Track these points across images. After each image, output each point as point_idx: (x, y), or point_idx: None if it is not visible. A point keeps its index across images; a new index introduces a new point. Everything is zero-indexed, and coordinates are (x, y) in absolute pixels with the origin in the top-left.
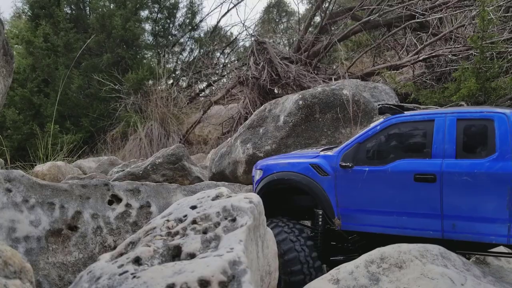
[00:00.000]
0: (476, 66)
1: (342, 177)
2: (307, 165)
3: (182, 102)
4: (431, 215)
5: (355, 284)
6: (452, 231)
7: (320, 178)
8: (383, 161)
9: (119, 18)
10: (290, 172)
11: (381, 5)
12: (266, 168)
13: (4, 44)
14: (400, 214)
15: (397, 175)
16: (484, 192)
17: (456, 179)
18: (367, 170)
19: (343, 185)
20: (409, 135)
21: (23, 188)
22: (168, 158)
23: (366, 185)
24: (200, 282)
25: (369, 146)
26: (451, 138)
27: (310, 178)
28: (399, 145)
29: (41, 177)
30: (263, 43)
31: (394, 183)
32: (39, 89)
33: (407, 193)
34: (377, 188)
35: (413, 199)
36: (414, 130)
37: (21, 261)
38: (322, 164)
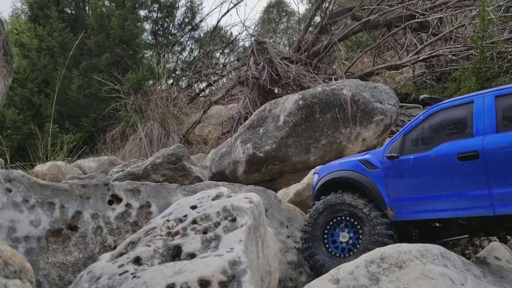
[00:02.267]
0: (476, 66)
1: (390, 168)
2: (357, 162)
3: (182, 102)
4: (479, 193)
5: (355, 284)
6: (503, 205)
7: (369, 172)
8: (427, 147)
9: (116, 18)
10: (341, 170)
11: (381, 5)
12: (320, 171)
13: (4, 44)
14: (449, 197)
15: (441, 158)
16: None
17: (499, 152)
18: (413, 158)
19: (391, 175)
20: (451, 119)
21: (23, 188)
22: (168, 158)
23: (413, 172)
24: (200, 282)
25: (414, 136)
26: (490, 115)
27: (360, 173)
28: (442, 130)
29: (41, 177)
30: (263, 43)
31: (439, 166)
32: (39, 89)
33: (454, 174)
34: (423, 174)
35: (459, 179)
36: (455, 114)
37: (21, 261)
38: (370, 159)
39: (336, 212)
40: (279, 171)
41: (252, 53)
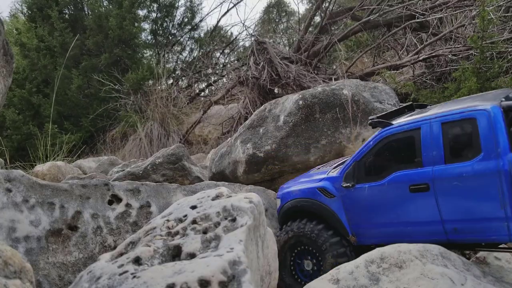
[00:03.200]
0: (476, 66)
1: (347, 196)
2: (315, 189)
3: (182, 102)
4: (432, 222)
5: (355, 284)
6: (456, 234)
7: (328, 200)
8: (380, 176)
9: (114, 18)
10: (301, 198)
11: (381, 5)
12: (282, 197)
13: (4, 44)
14: (405, 225)
15: (394, 189)
16: (476, 193)
17: (447, 185)
18: (367, 187)
19: (349, 203)
20: (400, 146)
21: (23, 188)
22: (168, 158)
23: (369, 201)
24: (200, 282)
25: (366, 163)
26: (438, 144)
27: (319, 202)
28: (392, 157)
29: (41, 177)
30: (263, 43)
31: (393, 196)
32: (38, 89)
33: (408, 204)
34: (380, 203)
35: (414, 209)
36: (404, 140)
37: (21, 261)
38: (328, 186)
39: (299, 241)
40: (279, 171)
41: (252, 53)
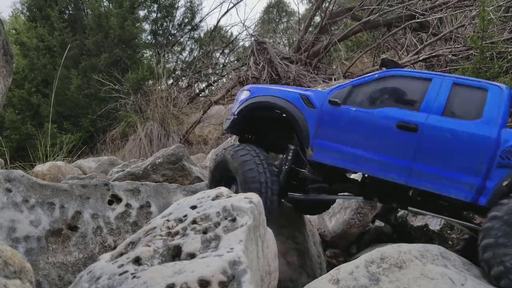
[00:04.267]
0: (476, 66)
1: (327, 112)
2: (297, 95)
3: (182, 102)
4: (402, 161)
5: (355, 284)
6: (418, 179)
7: (306, 109)
8: (372, 105)
9: (115, 17)
10: (278, 97)
11: (381, 5)
12: (255, 90)
13: (4, 44)
14: (374, 156)
15: (381, 120)
16: (461, 150)
17: (437, 134)
18: (354, 110)
19: (326, 119)
20: (404, 87)
21: (23, 188)
22: (168, 158)
23: (349, 124)
24: (200, 282)
25: (362, 90)
26: (442, 98)
27: (296, 107)
28: (391, 94)
29: (41, 177)
30: (263, 43)
31: (377, 126)
32: (38, 89)
33: (386, 138)
34: (359, 129)
35: (390, 145)
36: (409, 84)
37: (21, 261)
38: (312, 97)
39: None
40: None
41: (252, 53)
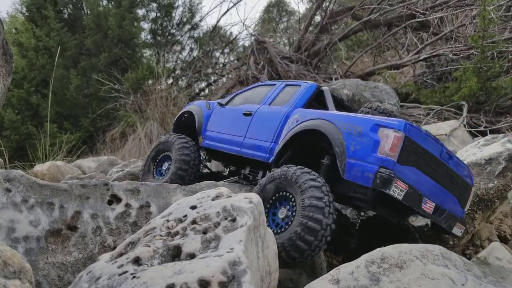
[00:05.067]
0: (477, 65)
1: (216, 110)
2: (204, 103)
3: (182, 102)
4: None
5: (356, 284)
6: (243, 148)
7: (206, 110)
8: (237, 104)
9: (114, 17)
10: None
11: (381, 5)
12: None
13: (3, 44)
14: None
15: (237, 112)
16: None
17: (259, 115)
18: (226, 108)
19: (213, 115)
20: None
21: (23, 188)
22: None
23: (222, 116)
24: (200, 282)
25: (238, 96)
26: (274, 95)
27: (201, 109)
28: (250, 97)
29: (40, 177)
30: (263, 43)
31: (234, 116)
32: (37, 89)
33: (237, 123)
34: (225, 119)
35: (238, 127)
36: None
37: (20, 261)
38: (211, 103)
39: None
40: None
41: (252, 52)
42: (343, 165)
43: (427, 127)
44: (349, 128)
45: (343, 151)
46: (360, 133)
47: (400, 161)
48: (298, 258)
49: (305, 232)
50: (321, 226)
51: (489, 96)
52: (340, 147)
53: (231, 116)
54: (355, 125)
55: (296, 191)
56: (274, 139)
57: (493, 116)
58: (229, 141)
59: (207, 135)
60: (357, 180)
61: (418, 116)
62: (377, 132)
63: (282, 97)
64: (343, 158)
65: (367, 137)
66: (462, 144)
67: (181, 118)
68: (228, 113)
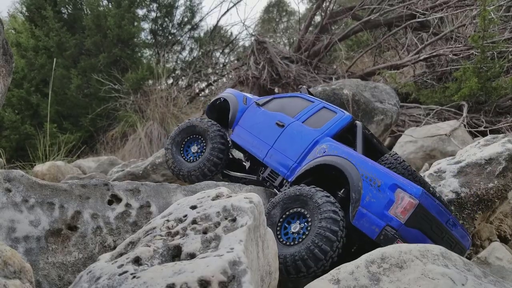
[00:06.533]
0: (477, 65)
1: (252, 108)
2: (242, 96)
3: (182, 102)
4: (267, 145)
5: (356, 284)
6: (267, 158)
7: (242, 104)
8: (272, 109)
9: (113, 17)
10: (232, 95)
11: (381, 5)
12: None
13: (3, 44)
14: (258, 139)
15: (271, 117)
16: (294, 140)
17: (290, 131)
18: (261, 110)
19: (248, 112)
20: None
21: (23, 188)
22: None
23: (255, 117)
24: (200, 282)
25: (275, 101)
26: (310, 113)
27: (238, 102)
28: (287, 106)
29: (40, 177)
30: (263, 43)
31: (267, 121)
32: (37, 88)
33: (268, 130)
34: (258, 121)
35: (268, 134)
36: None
37: (20, 261)
38: (248, 98)
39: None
40: None
41: (252, 52)
42: (355, 212)
43: (427, 127)
44: (369, 179)
45: (359, 199)
46: (378, 187)
47: (407, 223)
48: (313, 267)
49: (322, 242)
50: (336, 237)
51: (489, 96)
52: (357, 194)
53: (264, 120)
54: (377, 178)
55: (311, 207)
56: (299, 160)
57: (493, 116)
58: (256, 144)
59: (237, 129)
60: (363, 229)
61: (418, 116)
62: (394, 192)
63: (316, 119)
64: (356, 205)
65: (384, 193)
66: (462, 144)
67: (216, 101)
68: (262, 116)
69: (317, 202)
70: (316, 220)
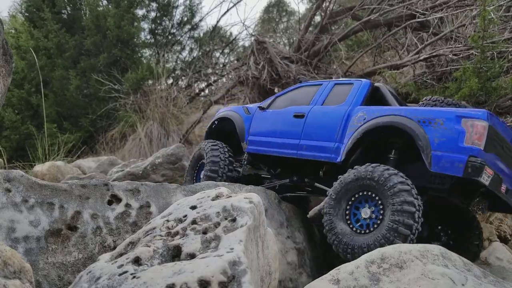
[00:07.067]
0: (477, 65)
1: (257, 115)
2: (241, 107)
3: (182, 102)
4: (295, 139)
5: (356, 284)
6: (304, 151)
7: (245, 115)
8: (282, 107)
9: (112, 17)
10: (230, 111)
11: (381, 5)
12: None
13: (3, 44)
14: (282, 139)
15: (285, 114)
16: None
17: (314, 116)
18: (269, 111)
19: (255, 120)
20: (304, 92)
21: (23, 188)
22: (168, 158)
23: (266, 120)
24: (200, 282)
25: (279, 99)
26: (325, 94)
27: (238, 114)
28: (296, 98)
29: (40, 177)
30: (263, 43)
31: (283, 118)
32: (37, 89)
33: (288, 125)
34: (273, 122)
35: (290, 130)
36: (306, 90)
37: (20, 261)
38: (250, 107)
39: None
40: None
41: (252, 52)
42: (429, 158)
43: None
44: (429, 121)
45: (427, 144)
46: (442, 125)
47: (486, 149)
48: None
49: (394, 237)
50: (411, 231)
51: (489, 96)
52: (423, 141)
53: (278, 119)
54: (436, 117)
55: (383, 193)
56: (338, 138)
57: None
58: (281, 144)
59: (251, 140)
60: (447, 170)
61: None
62: (460, 123)
63: (335, 97)
64: (428, 151)
65: (451, 128)
66: None
67: (212, 125)
68: (274, 116)
69: (391, 189)
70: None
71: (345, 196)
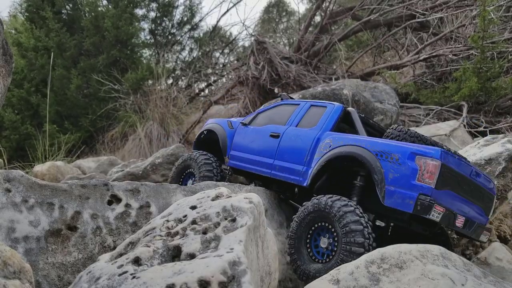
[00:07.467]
0: (477, 66)
1: (239, 130)
2: (226, 121)
3: (182, 102)
4: (270, 159)
5: (356, 285)
6: (276, 171)
7: (228, 130)
8: (261, 124)
9: (110, 18)
10: (214, 124)
11: (381, 5)
12: (208, 122)
13: (3, 44)
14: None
15: (263, 132)
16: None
17: (288, 137)
18: (251, 128)
19: (237, 135)
20: (283, 111)
21: (23, 188)
22: (168, 158)
23: (247, 136)
24: (200, 282)
25: (260, 115)
26: (300, 116)
27: (222, 128)
28: (274, 117)
29: (40, 177)
30: (263, 43)
31: (261, 136)
32: (37, 89)
33: (265, 144)
34: (251, 139)
35: (266, 149)
36: (286, 109)
37: (20, 261)
38: (234, 121)
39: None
40: None
41: (252, 52)
42: (383, 192)
43: (427, 127)
44: (385, 156)
45: (382, 179)
46: (397, 161)
47: (437, 186)
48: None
49: (351, 258)
50: (364, 248)
51: (489, 96)
52: (379, 175)
53: (257, 137)
54: (392, 152)
55: (332, 219)
56: (306, 162)
57: (493, 117)
58: (258, 162)
59: (232, 155)
60: (398, 206)
61: (418, 117)
62: (414, 160)
63: (309, 119)
64: (382, 185)
65: (405, 165)
66: (462, 145)
67: (201, 136)
68: (254, 134)
69: (336, 215)
70: (340, 234)
71: (307, 224)
